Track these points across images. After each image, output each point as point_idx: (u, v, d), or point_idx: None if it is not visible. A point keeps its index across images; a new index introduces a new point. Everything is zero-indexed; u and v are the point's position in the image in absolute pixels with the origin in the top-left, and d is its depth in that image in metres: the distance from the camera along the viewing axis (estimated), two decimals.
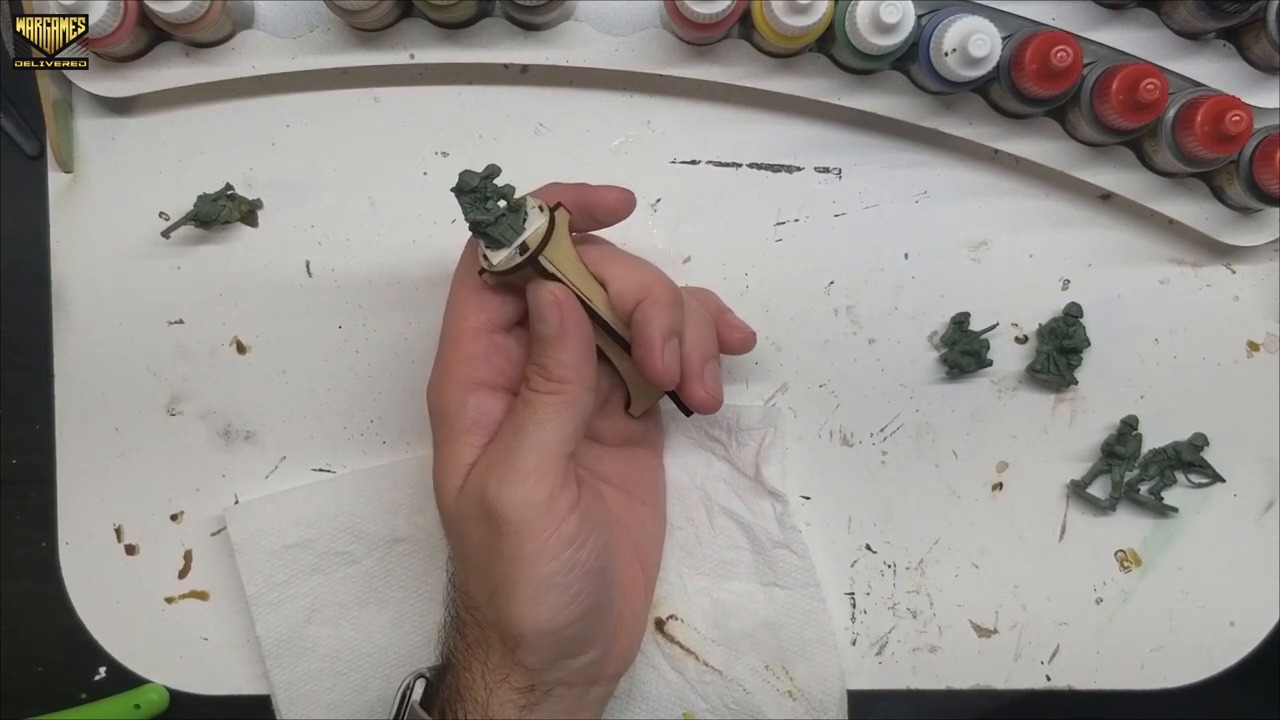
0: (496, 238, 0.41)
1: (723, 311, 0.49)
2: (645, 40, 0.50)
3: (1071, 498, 0.54)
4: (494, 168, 0.41)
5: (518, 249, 0.41)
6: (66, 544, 0.53)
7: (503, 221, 0.41)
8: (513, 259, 0.41)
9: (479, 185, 0.41)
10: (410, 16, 0.50)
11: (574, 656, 0.43)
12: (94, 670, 0.54)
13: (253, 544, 0.52)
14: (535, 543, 0.41)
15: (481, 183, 0.41)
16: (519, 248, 0.41)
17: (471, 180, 0.41)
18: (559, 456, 0.41)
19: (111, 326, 0.53)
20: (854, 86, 0.51)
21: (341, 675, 0.53)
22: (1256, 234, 0.53)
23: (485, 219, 0.41)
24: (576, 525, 0.41)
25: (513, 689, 0.42)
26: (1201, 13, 0.47)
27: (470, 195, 0.41)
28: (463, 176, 0.41)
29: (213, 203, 0.52)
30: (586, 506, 0.42)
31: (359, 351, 0.53)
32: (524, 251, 0.41)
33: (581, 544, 0.41)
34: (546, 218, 0.42)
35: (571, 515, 0.41)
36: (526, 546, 0.41)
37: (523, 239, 0.41)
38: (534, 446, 0.41)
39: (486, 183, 0.41)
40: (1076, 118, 0.50)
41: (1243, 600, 0.55)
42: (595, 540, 0.42)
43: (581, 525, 0.42)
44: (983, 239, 0.54)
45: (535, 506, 0.41)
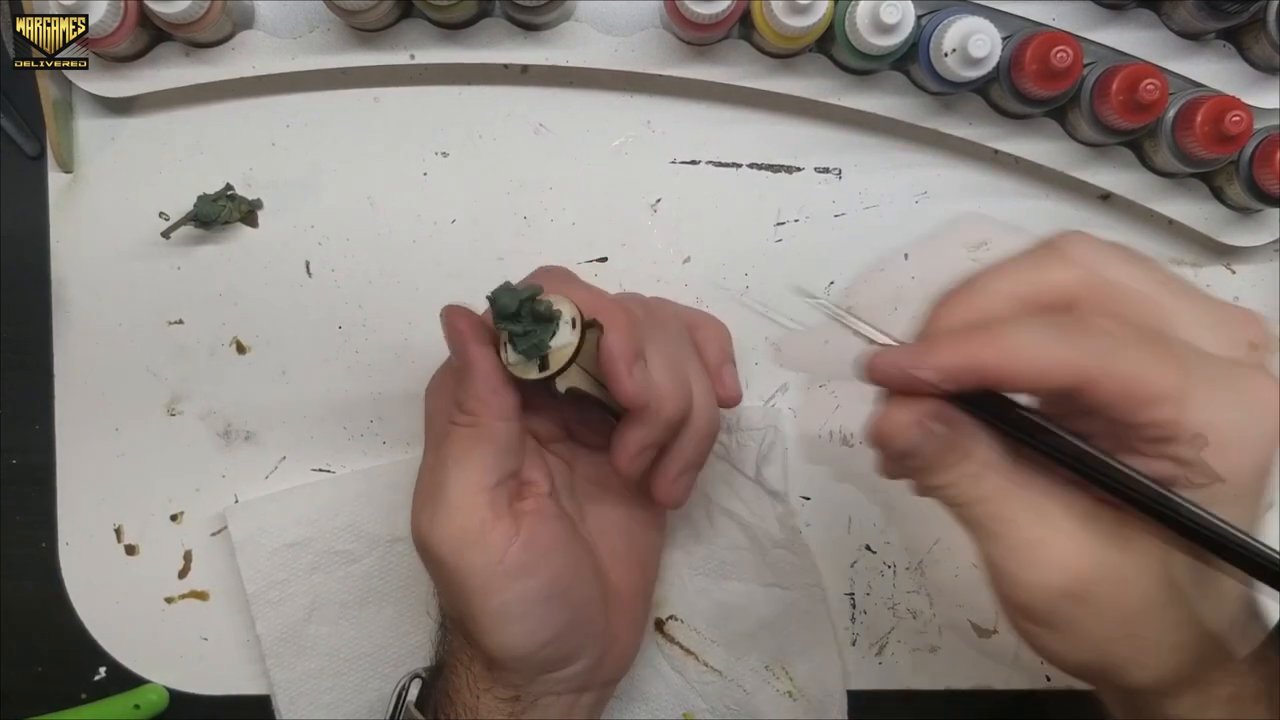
0: (521, 350, 0.39)
1: (723, 361, 0.46)
2: (645, 40, 0.50)
3: None
4: (537, 288, 0.38)
5: (536, 364, 0.39)
6: (66, 544, 0.53)
7: (531, 335, 0.38)
8: (530, 371, 0.39)
9: (518, 309, 0.38)
10: (410, 16, 0.50)
11: (556, 670, 0.43)
12: (94, 670, 0.54)
13: (253, 543, 0.52)
14: (478, 578, 0.40)
15: (519, 304, 0.38)
16: (539, 364, 0.39)
17: (511, 305, 0.37)
18: (482, 490, 0.40)
19: (111, 326, 0.53)
20: (854, 87, 0.51)
21: (341, 674, 0.53)
22: (1256, 234, 0.53)
23: (515, 329, 0.38)
24: (520, 556, 0.40)
25: (497, 698, 0.43)
26: (1201, 13, 0.47)
27: (506, 317, 0.38)
28: (502, 300, 0.37)
29: (213, 203, 0.52)
30: (531, 534, 0.41)
31: (359, 351, 0.53)
32: (543, 369, 0.39)
33: (531, 573, 0.41)
34: (576, 338, 0.38)
35: (511, 547, 0.40)
36: (471, 582, 0.40)
37: (544, 355, 0.39)
38: (455, 482, 0.40)
39: (526, 304, 0.38)
40: (1076, 118, 0.50)
41: None
42: (548, 566, 0.41)
43: (526, 554, 0.41)
44: (983, 239, 0.54)
45: (466, 543, 0.40)
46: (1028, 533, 0.32)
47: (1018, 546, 0.32)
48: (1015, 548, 0.32)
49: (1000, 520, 0.32)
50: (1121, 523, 0.32)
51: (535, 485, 0.44)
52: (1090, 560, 0.31)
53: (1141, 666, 0.32)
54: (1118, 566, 0.31)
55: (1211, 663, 0.33)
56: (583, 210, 0.53)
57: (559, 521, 0.43)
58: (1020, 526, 0.32)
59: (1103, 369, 0.29)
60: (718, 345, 0.46)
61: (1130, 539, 0.31)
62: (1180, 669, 0.32)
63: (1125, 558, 0.31)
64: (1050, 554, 0.31)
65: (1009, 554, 0.32)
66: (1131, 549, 0.31)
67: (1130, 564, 0.31)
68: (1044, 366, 0.30)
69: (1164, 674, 0.32)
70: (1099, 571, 0.31)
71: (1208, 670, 0.33)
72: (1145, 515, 0.31)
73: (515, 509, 0.42)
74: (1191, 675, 0.33)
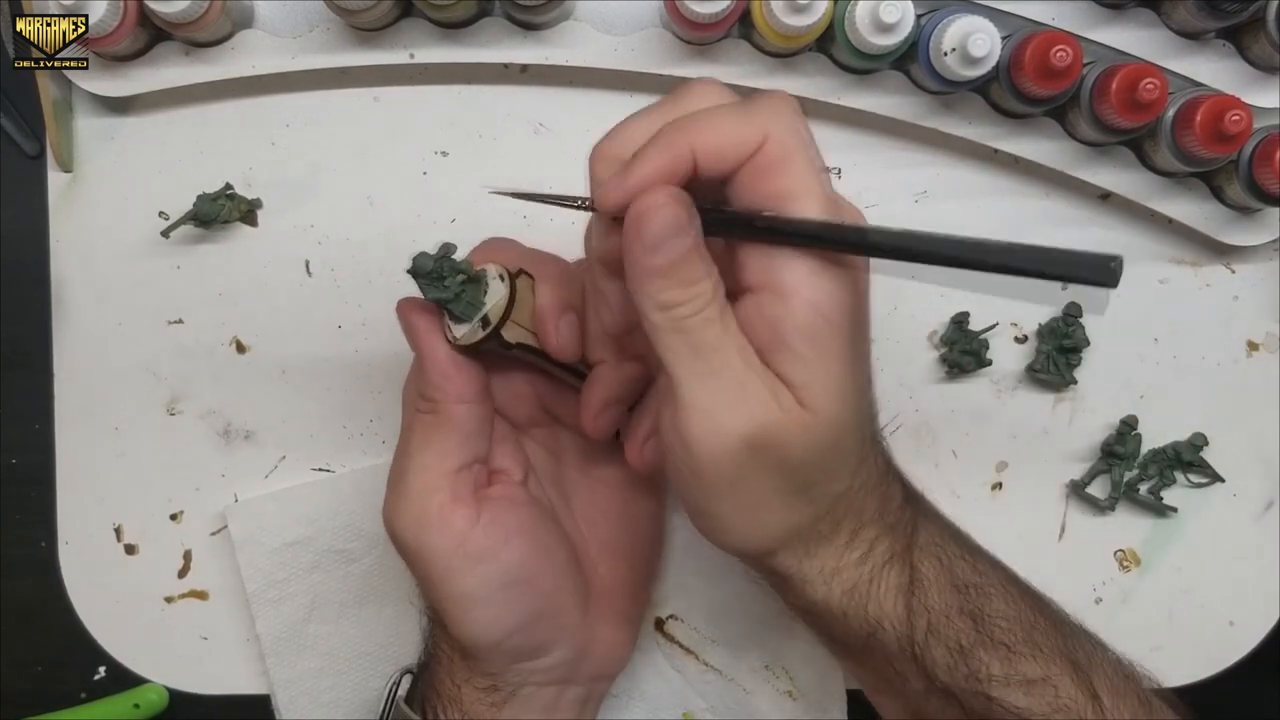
0: (458, 314, 0.40)
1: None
2: (645, 40, 0.50)
3: (1071, 497, 0.55)
4: (449, 245, 0.40)
5: (480, 323, 0.40)
6: (66, 544, 0.53)
7: (463, 297, 0.40)
8: (475, 333, 0.40)
9: (435, 267, 0.39)
10: (410, 16, 0.50)
11: (530, 661, 0.43)
12: (93, 670, 0.54)
13: (253, 541, 0.52)
14: (440, 563, 0.41)
15: (437, 264, 0.39)
16: (481, 321, 0.40)
17: (427, 263, 0.39)
18: (443, 474, 0.41)
19: (111, 326, 0.53)
20: (853, 86, 0.51)
21: (341, 673, 0.53)
22: (1256, 234, 0.53)
23: (445, 296, 0.40)
24: (481, 540, 0.41)
25: (475, 689, 0.43)
26: (1201, 13, 0.47)
27: (428, 277, 0.39)
28: (417, 260, 0.39)
29: (212, 202, 0.52)
30: (492, 518, 0.41)
31: (359, 351, 0.53)
32: (486, 325, 0.40)
33: (492, 557, 0.41)
34: (507, 288, 0.40)
35: (472, 532, 0.41)
36: (434, 568, 0.41)
37: (484, 312, 0.40)
38: (417, 469, 0.41)
39: (443, 263, 0.40)
40: (1076, 117, 0.50)
41: (1242, 600, 0.55)
42: (511, 551, 0.42)
43: (488, 538, 0.41)
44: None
45: (426, 526, 0.41)
46: (742, 376, 0.34)
47: (731, 386, 0.34)
48: (729, 387, 0.34)
49: (722, 357, 0.34)
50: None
51: (506, 473, 0.44)
52: (770, 407, 0.34)
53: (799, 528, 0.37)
54: (798, 419, 0.34)
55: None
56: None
57: (527, 508, 0.44)
58: (735, 366, 0.34)
59: (779, 134, 0.34)
60: None
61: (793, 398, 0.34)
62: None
63: (800, 412, 0.34)
64: (756, 398, 0.34)
65: (729, 393, 0.34)
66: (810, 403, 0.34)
67: (798, 418, 0.34)
68: (737, 138, 0.34)
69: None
70: (776, 420, 0.34)
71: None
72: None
73: (480, 494, 0.42)
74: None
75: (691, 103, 0.36)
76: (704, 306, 0.34)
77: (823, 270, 0.34)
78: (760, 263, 0.34)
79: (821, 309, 0.34)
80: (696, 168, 0.34)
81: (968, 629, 0.39)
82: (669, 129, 0.34)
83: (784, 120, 0.34)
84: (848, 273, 0.35)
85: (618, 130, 0.36)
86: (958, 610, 0.39)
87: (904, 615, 0.38)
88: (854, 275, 0.36)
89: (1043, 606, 0.41)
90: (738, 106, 0.35)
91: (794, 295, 0.34)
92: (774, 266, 0.34)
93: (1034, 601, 0.41)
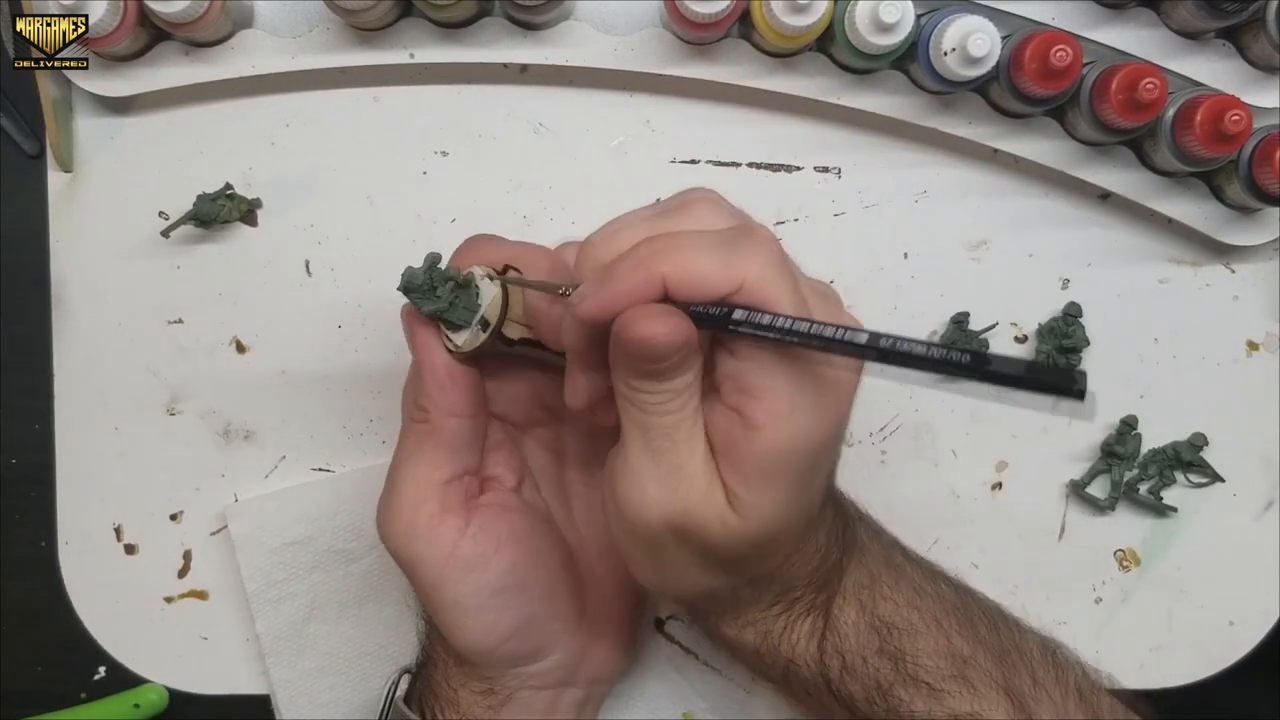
0: (456, 321, 0.40)
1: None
2: (645, 40, 0.50)
3: (1071, 497, 0.55)
4: (434, 255, 0.40)
5: (479, 326, 0.40)
6: (66, 544, 0.53)
7: (458, 304, 0.40)
8: (477, 337, 0.40)
9: (425, 280, 0.39)
10: (410, 16, 0.50)
11: (526, 665, 0.44)
12: (93, 670, 0.54)
13: (253, 541, 0.52)
14: (431, 572, 0.41)
15: (427, 276, 0.39)
16: (480, 324, 0.40)
17: (418, 277, 0.39)
18: (433, 484, 0.41)
19: (111, 326, 0.53)
20: (853, 86, 0.51)
21: (341, 673, 0.53)
22: (1256, 233, 0.53)
23: (440, 306, 0.40)
24: (471, 548, 0.41)
25: (472, 692, 0.43)
26: (1201, 12, 0.47)
27: (420, 290, 0.40)
28: (408, 275, 0.39)
29: (212, 202, 0.52)
30: (481, 527, 0.42)
31: (359, 351, 0.53)
32: (485, 327, 0.40)
33: (484, 565, 0.41)
34: (498, 287, 0.40)
35: (462, 541, 0.41)
36: (426, 577, 0.41)
37: (480, 315, 0.40)
38: (407, 479, 0.41)
39: (432, 273, 0.40)
40: (1076, 117, 0.50)
41: (1242, 599, 0.55)
42: (502, 559, 0.42)
43: (477, 547, 0.41)
44: (982, 239, 0.54)
45: (415, 536, 0.41)
46: (684, 461, 0.35)
47: (668, 470, 0.35)
48: (665, 470, 0.35)
49: (670, 442, 0.35)
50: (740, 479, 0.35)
51: (498, 480, 0.44)
52: (702, 501, 0.35)
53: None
54: (726, 520, 0.35)
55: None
56: (582, 210, 0.53)
57: (518, 514, 0.44)
58: (680, 455, 0.35)
59: (757, 281, 0.33)
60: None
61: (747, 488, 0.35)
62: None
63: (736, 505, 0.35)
64: (688, 486, 0.35)
65: (664, 474, 0.35)
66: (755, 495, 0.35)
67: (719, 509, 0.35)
68: (712, 280, 0.33)
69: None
70: (703, 513, 0.35)
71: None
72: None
73: (471, 503, 0.42)
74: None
75: (689, 221, 0.35)
76: (670, 400, 0.34)
77: (796, 410, 0.34)
78: (737, 382, 0.34)
79: (782, 450, 0.34)
80: (667, 292, 0.33)
81: (887, 669, 0.39)
82: (647, 249, 0.34)
83: (760, 265, 0.33)
84: (828, 403, 0.35)
85: (610, 233, 0.36)
86: (876, 651, 0.39)
87: (817, 656, 0.40)
88: (835, 404, 0.35)
89: (986, 638, 0.41)
90: (718, 243, 0.34)
91: (759, 431, 0.34)
92: (749, 395, 0.34)
93: (975, 633, 0.41)
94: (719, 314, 0.33)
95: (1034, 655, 0.42)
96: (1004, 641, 0.42)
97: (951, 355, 0.30)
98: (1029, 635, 0.43)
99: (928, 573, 0.43)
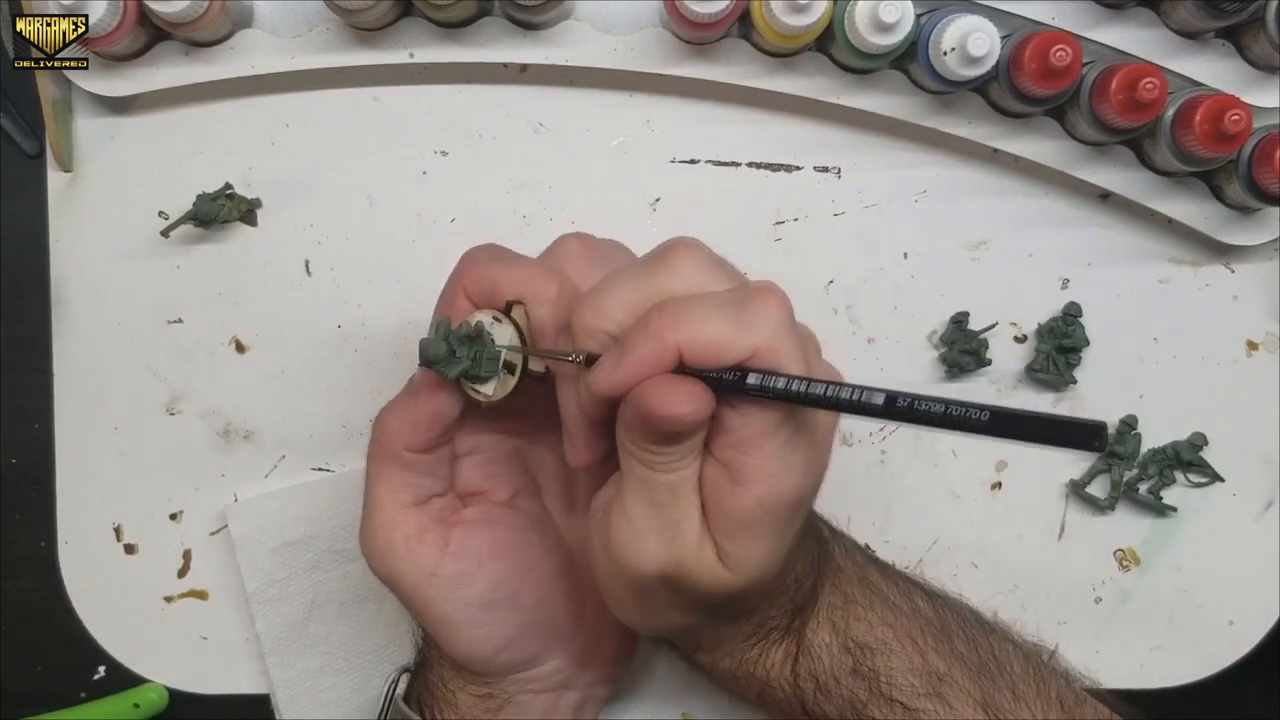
0: (483, 375, 0.39)
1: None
2: (645, 39, 0.50)
3: (1070, 497, 0.55)
4: (444, 320, 0.39)
5: (505, 372, 0.39)
6: (66, 544, 0.53)
7: (480, 358, 0.39)
8: (506, 385, 0.39)
9: (443, 348, 0.39)
10: (410, 16, 0.50)
11: (524, 671, 0.44)
12: (93, 670, 0.54)
13: (253, 540, 0.52)
14: (417, 591, 0.41)
15: (443, 343, 0.38)
16: (506, 370, 0.39)
17: (435, 348, 0.38)
18: (400, 508, 0.41)
19: (111, 326, 0.53)
20: (853, 86, 0.51)
21: (341, 673, 0.53)
22: (1256, 233, 0.53)
23: (465, 367, 0.39)
24: (453, 567, 0.41)
25: (471, 695, 0.43)
26: (1201, 12, 0.47)
27: (443, 359, 0.39)
28: (428, 348, 0.38)
29: (212, 202, 0.52)
30: (461, 544, 0.42)
31: (359, 351, 0.53)
32: (513, 371, 0.39)
33: (468, 581, 0.41)
34: (510, 326, 0.39)
35: (444, 559, 0.41)
36: (411, 596, 0.41)
37: (502, 360, 0.39)
38: (380, 499, 0.41)
39: (450, 339, 0.39)
40: (1075, 117, 0.50)
41: (1242, 599, 0.55)
42: (485, 575, 0.42)
43: (459, 564, 0.41)
44: (982, 238, 0.54)
45: (394, 557, 0.41)
46: (682, 517, 0.35)
47: (666, 524, 0.35)
48: (664, 524, 0.35)
49: (672, 497, 0.35)
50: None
51: (486, 495, 0.44)
52: (695, 555, 0.36)
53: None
54: (715, 572, 0.36)
55: None
56: (582, 209, 0.53)
57: (504, 528, 0.43)
58: (680, 511, 0.35)
59: (769, 346, 0.33)
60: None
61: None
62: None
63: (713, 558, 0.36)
64: (684, 541, 0.35)
65: (662, 528, 0.36)
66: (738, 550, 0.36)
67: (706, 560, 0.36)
68: (727, 348, 0.33)
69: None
70: (695, 566, 0.36)
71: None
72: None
73: (451, 520, 0.42)
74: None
75: (674, 277, 0.35)
76: (678, 460, 0.35)
77: (785, 468, 0.35)
78: (732, 438, 0.34)
79: (768, 506, 0.35)
80: (682, 361, 0.34)
81: (861, 689, 0.40)
82: (657, 319, 0.34)
83: (771, 328, 0.33)
84: (815, 457, 0.36)
85: (600, 297, 0.36)
86: (849, 672, 0.40)
87: (791, 679, 0.40)
88: (820, 458, 0.36)
89: (964, 654, 0.42)
90: (728, 308, 0.34)
91: (748, 488, 0.35)
92: (743, 452, 0.34)
93: (952, 649, 0.41)
94: (734, 379, 0.33)
95: (1015, 668, 0.42)
96: (983, 655, 0.42)
97: (971, 414, 0.30)
98: (1011, 647, 0.43)
99: (904, 589, 0.43)
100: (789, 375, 0.33)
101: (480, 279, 0.39)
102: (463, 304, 0.40)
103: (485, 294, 0.39)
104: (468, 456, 0.43)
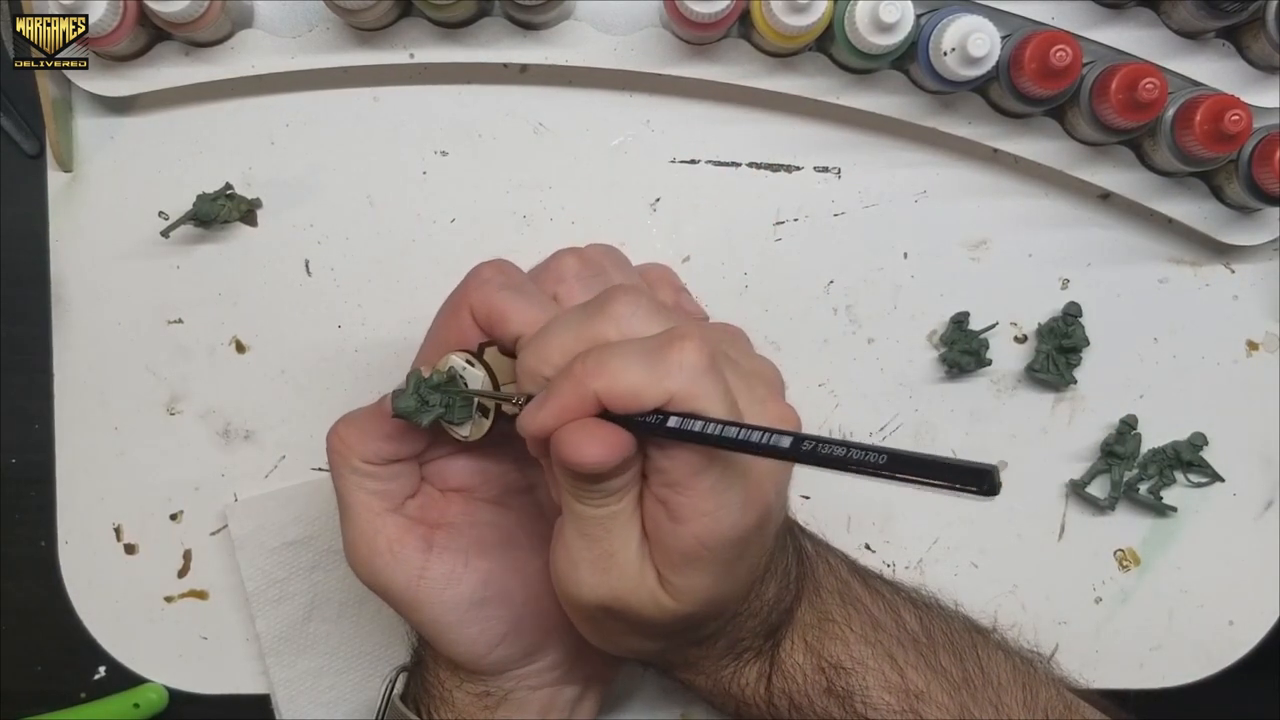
0: (458, 420, 0.40)
1: (678, 290, 0.48)
2: (645, 39, 0.50)
3: (1070, 497, 0.55)
4: (417, 373, 0.39)
5: (479, 414, 0.40)
6: (66, 543, 0.53)
7: (454, 404, 0.39)
8: (481, 426, 0.40)
9: (415, 400, 0.39)
10: (410, 16, 0.50)
11: (519, 667, 0.44)
12: (93, 670, 0.54)
13: (253, 540, 0.52)
14: (406, 595, 0.41)
15: (415, 395, 0.39)
16: (480, 412, 0.40)
17: (410, 402, 0.39)
18: (377, 515, 0.41)
19: (111, 326, 0.53)
20: (853, 86, 0.51)
21: (341, 673, 0.53)
22: (1256, 233, 0.53)
23: (439, 413, 0.39)
24: (440, 568, 0.41)
25: (468, 694, 0.44)
26: (1201, 12, 0.47)
27: (416, 411, 0.39)
28: (400, 402, 0.39)
29: (212, 202, 0.52)
30: (446, 546, 0.42)
31: (359, 351, 0.53)
32: (487, 413, 0.40)
33: (456, 581, 0.42)
34: (481, 370, 0.39)
35: (429, 561, 0.41)
36: (400, 601, 0.42)
37: (476, 403, 0.40)
38: (351, 514, 0.42)
39: (421, 389, 0.39)
40: (1075, 117, 0.50)
41: (1242, 599, 0.55)
42: (472, 573, 0.42)
43: (444, 566, 0.42)
44: (982, 238, 0.54)
45: (379, 563, 0.41)
46: (617, 549, 0.36)
47: (600, 555, 0.36)
48: (598, 555, 0.36)
49: (605, 530, 0.36)
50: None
51: (472, 492, 0.44)
52: (633, 587, 0.36)
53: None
54: (658, 601, 0.36)
55: None
56: (582, 210, 0.53)
57: (488, 526, 0.44)
58: (614, 543, 0.36)
59: (687, 392, 0.34)
60: (666, 281, 0.48)
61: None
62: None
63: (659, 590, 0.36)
64: (619, 572, 0.36)
65: (596, 559, 0.36)
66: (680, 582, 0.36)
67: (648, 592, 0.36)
68: (641, 394, 0.34)
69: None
70: (634, 597, 0.36)
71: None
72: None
73: (432, 520, 0.43)
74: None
75: (609, 323, 0.36)
76: (605, 498, 0.36)
77: (720, 507, 0.35)
78: (665, 478, 0.35)
79: (708, 544, 0.35)
80: (602, 406, 0.34)
81: (835, 708, 0.41)
82: (580, 367, 0.34)
83: (687, 375, 0.34)
84: (753, 497, 0.36)
85: (540, 342, 0.36)
86: (823, 691, 0.41)
87: (765, 697, 0.41)
88: (760, 498, 0.36)
89: (947, 668, 0.42)
90: (645, 355, 0.34)
91: (686, 526, 0.35)
92: (675, 491, 0.35)
93: (935, 664, 0.42)
94: (655, 422, 0.34)
95: (1002, 680, 0.43)
96: (968, 669, 0.42)
97: (869, 456, 0.31)
98: (1001, 657, 0.43)
99: (890, 602, 0.43)
100: (704, 418, 0.33)
101: (490, 306, 0.39)
102: (466, 320, 0.40)
103: (492, 323, 0.39)
104: (457, 456, 0.44)
